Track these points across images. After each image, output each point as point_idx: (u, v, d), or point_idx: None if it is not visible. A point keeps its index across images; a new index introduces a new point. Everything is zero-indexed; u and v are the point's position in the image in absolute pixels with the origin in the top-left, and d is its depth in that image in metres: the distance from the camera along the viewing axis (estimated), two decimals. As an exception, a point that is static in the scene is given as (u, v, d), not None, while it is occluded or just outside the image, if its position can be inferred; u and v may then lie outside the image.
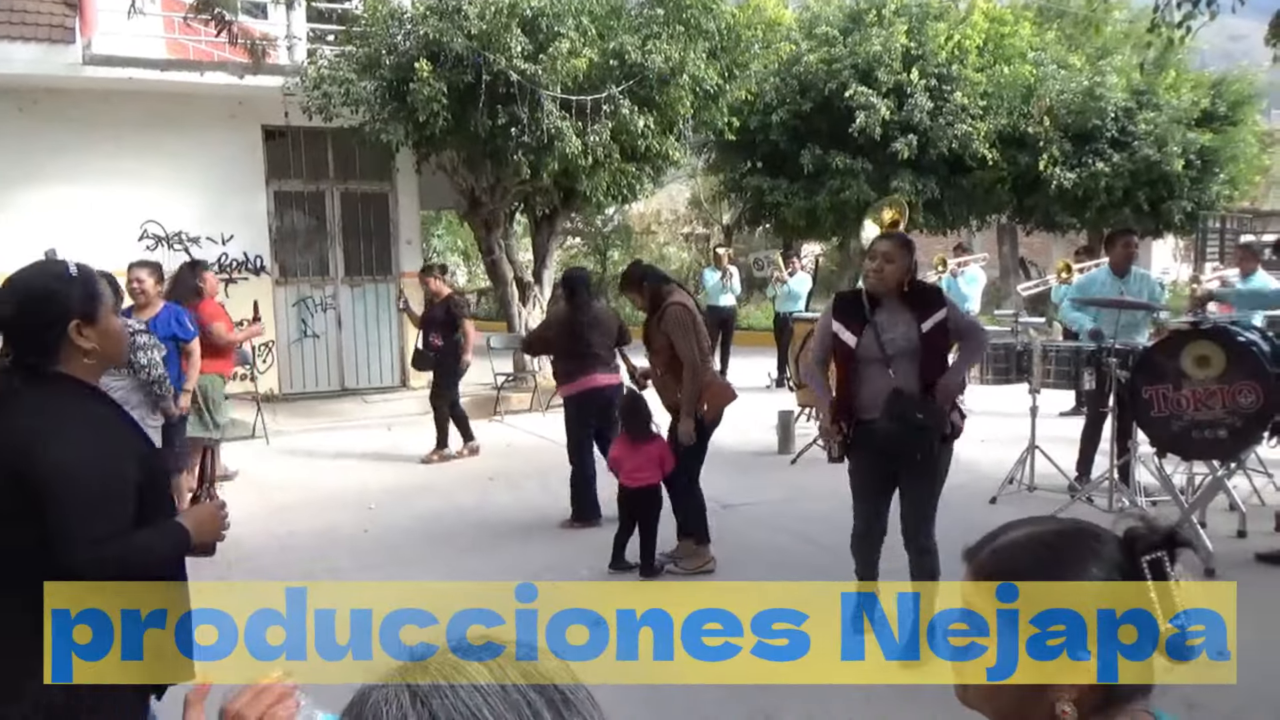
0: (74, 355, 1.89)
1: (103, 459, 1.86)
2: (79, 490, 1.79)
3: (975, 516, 5.71)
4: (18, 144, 9.52)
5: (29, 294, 1.90)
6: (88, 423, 1.89)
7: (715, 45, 9.95)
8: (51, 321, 1.87)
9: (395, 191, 11.35)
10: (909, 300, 3.76)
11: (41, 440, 1.80)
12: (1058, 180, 13.47)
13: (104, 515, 1.82)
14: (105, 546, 1.80)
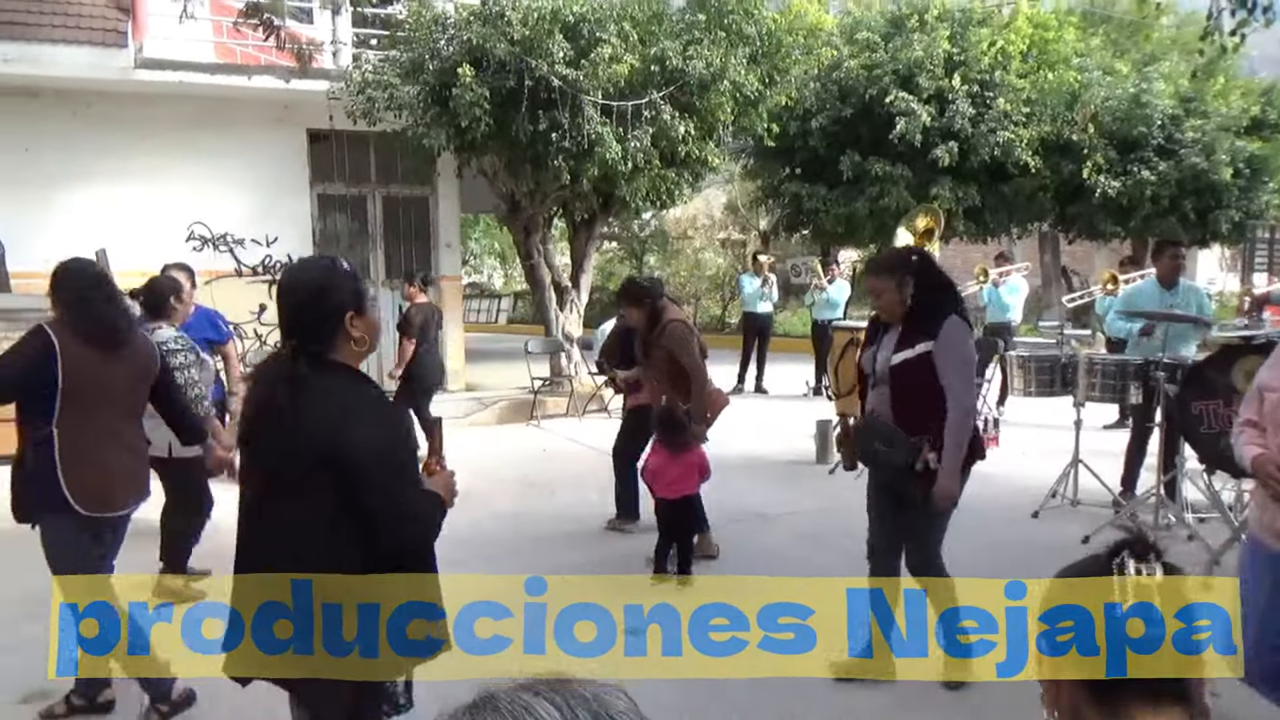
0: (345, 344, 2.07)
1: (395, 437, 2.06)
2: (386, 468, 1.96)
3: (1018, 531, 5.66)
4: (69, 145, 9.73)
5: (310, 288, 2.06)
6: (374, 405, 2.09)
7: (756, 51, 9.93)
8: (329, 313, 2.04)
9: (436, 195, 11.45)
10: (906, 323, 3.53)
11: (345, 423, 1.95)
12: (1102, 188, 13.28)
13: (407, 489, 2.03)
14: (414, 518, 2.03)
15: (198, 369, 4.55)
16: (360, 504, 1.95)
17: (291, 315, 2.07)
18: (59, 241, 9.55)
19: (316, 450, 1.94)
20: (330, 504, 1.96)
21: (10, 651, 3.78)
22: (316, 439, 1.95)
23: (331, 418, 1.96)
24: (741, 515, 6.15)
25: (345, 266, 2.14)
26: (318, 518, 1.97)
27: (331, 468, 1.93)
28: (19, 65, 9.06)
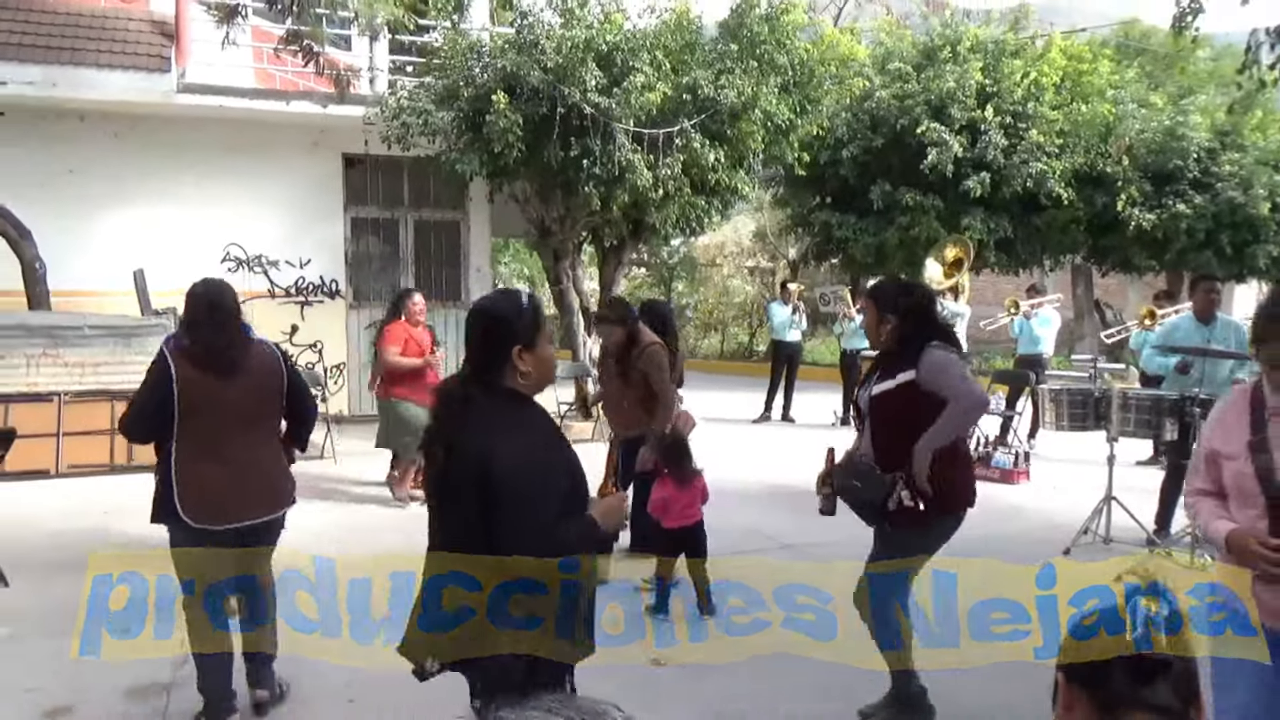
0: (513, 375, 2.22)
1: (539, 459, 2.17)
2: (520, 486, 2.10)
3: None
4: (111, 167, 9.95)
5: (487, 319, 2.26)
6: (527, 427, 2.22)
7: (788, 80, 9.96)
8: (498, 345, 2.22)
9: (467, 220, 11.57)
10: (889, 354, 3.43)
11: (493, 441, 2.12)
12: (1136, 221, 13.14)
13: (538, 509, 2.12)
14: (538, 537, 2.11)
15: None
16: (494, 516, 2.10)
17: (468, 341, 2.29)
18: (100, 262, 9.77)
19: (467, 464, 2.12)
20: (476, 515, 2.11)
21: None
22: (468, 454, 2.12)
23: (483, 435, 2.13)
24: (765, 545, 6.11)
25: (525, 303, 2.29)
26: (469, 529, 2.13)
27: (479, 482, 2.10)
28: (65, 89, 9.30)
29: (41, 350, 8.21)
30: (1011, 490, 7.82)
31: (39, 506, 6.84)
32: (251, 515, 3.46)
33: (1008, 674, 4.04)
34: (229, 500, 3.38)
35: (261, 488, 3.50)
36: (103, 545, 5.92)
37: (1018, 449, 8.42)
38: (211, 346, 3.37)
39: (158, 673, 3.92)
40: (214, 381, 3.35)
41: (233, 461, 3.39)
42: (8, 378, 8.05)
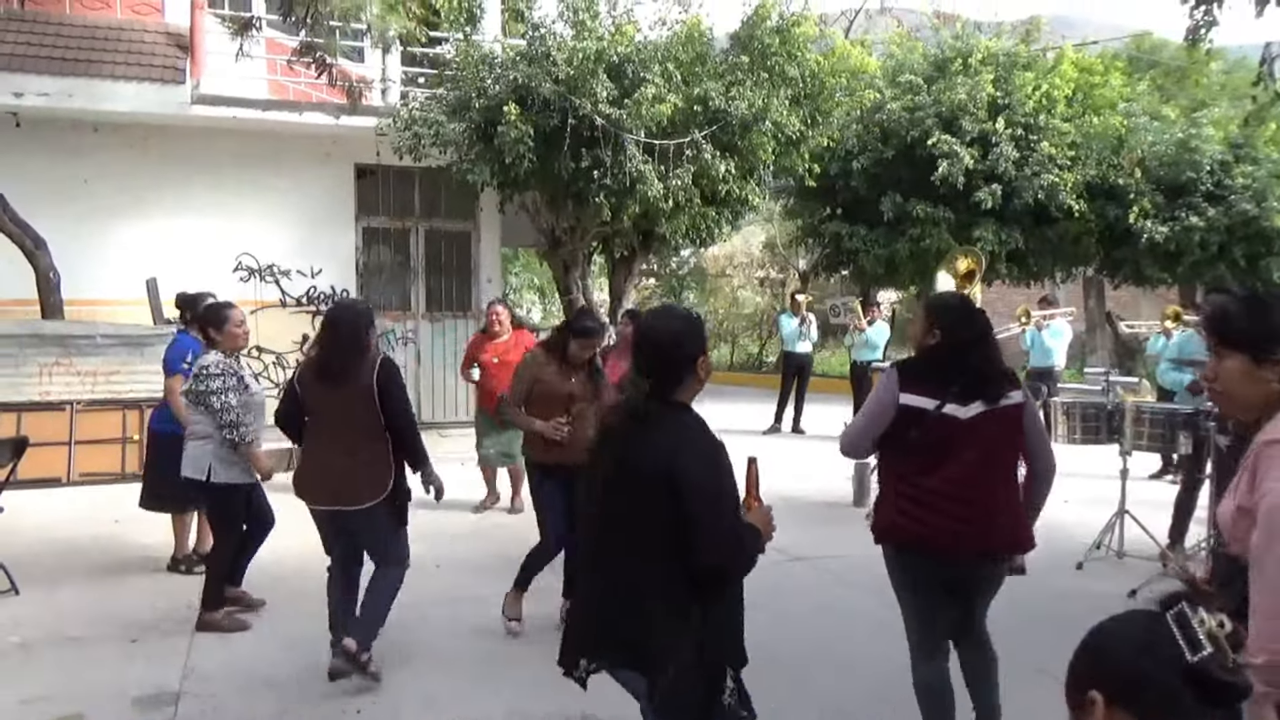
0: (693, 384, 2.34)
1: (718, 468, 2.25)
2: (707, 493, 2.19)
3: (1060, 583, 5.51)
4: (125, 178, 10.02)
5: (672, 336, 2.34)
6: (703, 439, 2.29)
7: (799, 92, 9.99)
8: (686, 359, 2.32)
9: (478, 230, 11.61)
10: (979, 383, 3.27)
11: (678, 452, 2.20)
12: (1149, 233, 13.09)
13: (726, 514, 2.23)
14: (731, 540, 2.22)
15: (234, 394, 4.51)
16: (687, 521, 2.16)
17: (652, 359, 2.33)
18: (113, 271, 9.83)
19: (652, 474, 2.19)
20: (661, 525, 2.19)
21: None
22: (654, 464, 2.20)
23: (667, 447, 2.22)
24: (777, 557, 6.07)
25: (695, 314, 2.51)
26: (649, 537, 2.22)
27: (664, 490, 2.17)
28: (81, 100, 9.38)
29: (54, 359, 8.26)
30: (1023, 503, 7.76)
31: (50, 514, 6.86)
32: (327, 503, 3.93)
33: (1011, 684, 4.01)
34: (318, 483, 3.93)
35: (340, 483, 3.90)
36: (113, 554, 5.94)
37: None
38: (322, 362, 3.97)
39: (166, 682, 3.93)
40: (325, 388, 3.92)
41: (335, 451, 3.91)
42: (21, 386, 8.10)
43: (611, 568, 2.31)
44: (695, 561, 2.20)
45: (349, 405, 3.90)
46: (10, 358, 8.13)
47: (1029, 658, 4.32)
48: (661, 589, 2.24)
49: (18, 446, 5.36)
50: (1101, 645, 1.34)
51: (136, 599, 5.00)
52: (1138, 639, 1.27)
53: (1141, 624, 1.29)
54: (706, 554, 2.19)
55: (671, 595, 2.24)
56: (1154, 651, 1.23)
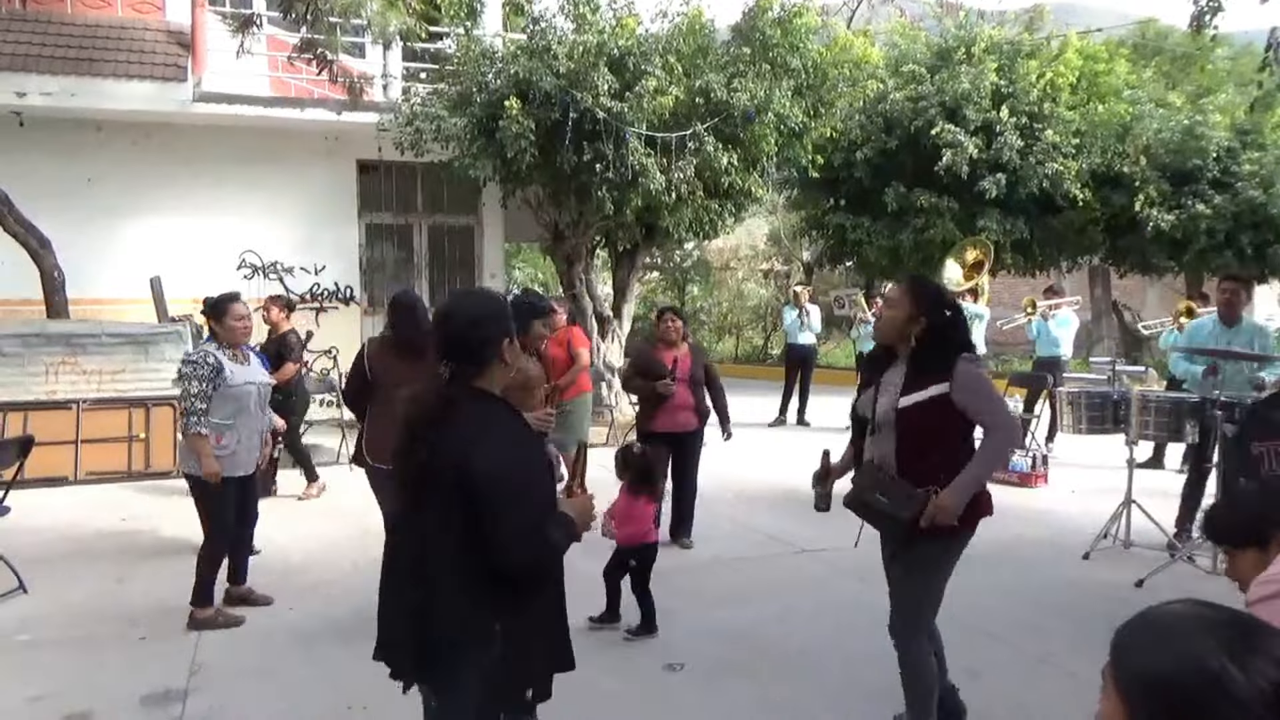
0: (499, 369, 2.22)
1: (522, 460, 2.16)
2: (507, 488, 2.07)
3: (1067, 573, 5.51)
4: (129, 176, 10.02)
5: (483, 317, 2.22)
6: (508, 429, 2.19)
7: (801, 83, 9.95)
8: (489, 340, 2.20)
9: (481, 225, 11.60)
10: (915, 361, 3.13)
11: (476, 443, 2.08)
12: (1154, 222, 13.02)
13: (528, 511, 2.11)
14: (529, 538, 2.09)
15: (201, 382, 4.48)
16: (480, 521, 2.05)
17: (452, 343, 2.20)
18: (118, 270, 9.85)
19: (448, 467, 2.06)
20: (460, 521, 2.07)
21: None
22: (450, 457, 2.06)
23: (466, 437, 2.08)
24: (782, 550, 6.07)
25: (505, 297, 2.47)
26: (448, 533, 2.09)
27: (463, 485, 2.04)
28: (84, 99, 9.39)
29: (60, 358, 8.27)
30: (1030, 494, 7.75)
31: (57, 513, 6.88)
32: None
33: (1018, 675, 4.00)
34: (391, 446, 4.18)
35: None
36: (121, 552, 5.96)
37: (1036, 452, 8.35)
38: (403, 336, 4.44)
39: (174, 680, 3.94)
40: (399, 361, 4.32)
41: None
42: (27, 385, 8.11)
43: (409, 569, 2.16)
44: (494, 561, 2.06)
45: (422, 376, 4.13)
46: (16, 357, 8.14)
47: (1036, 648, 4.32)
48: (456, 595, 2.09)
49: (24, 446, 5.37)
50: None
51: (144, 597, 5.01)
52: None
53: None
54: (504, 551, 2.06)
55: (468, 603, 2.10)
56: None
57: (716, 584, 5.39)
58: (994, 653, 4.31)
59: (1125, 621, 1.16)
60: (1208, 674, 1.05)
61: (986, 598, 5.01)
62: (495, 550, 2.06)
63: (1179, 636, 1.10)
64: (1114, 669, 1.14)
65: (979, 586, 5.21)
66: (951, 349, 3.07)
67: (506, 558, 2.07)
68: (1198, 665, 1.06)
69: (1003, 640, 4.45)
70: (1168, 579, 5.11)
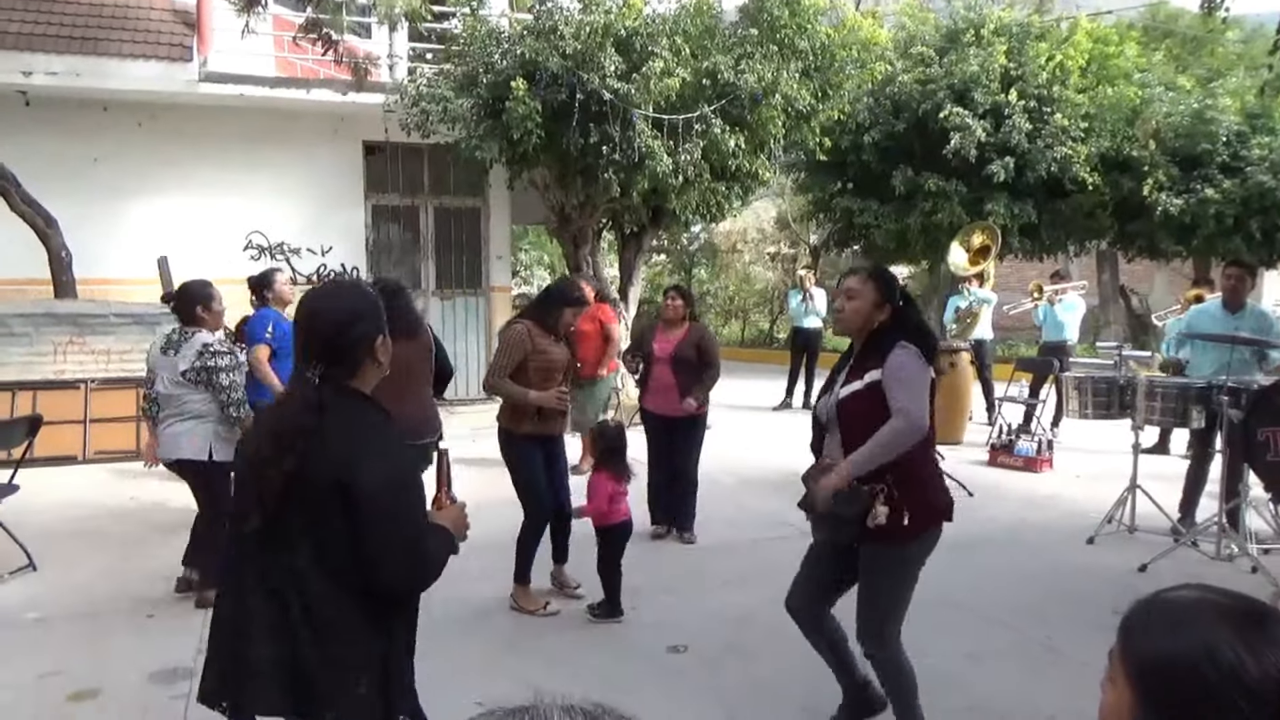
0: (370, 371, 2.08)
1: (403, 469, 2.01)
2: (390, 499, 1.93)
3: (1071, 557, 5.52)
4: (135, 157, 10.02)
5: (350, 314, 2.05)
6: (386, 435, 2.04)
7: (809, 65, 9.88)
8: (359, 340, 2.04)
9: (487, 207, 11.58)
10: (863, 351, 3.07)
11: (358, 451, 1.93)
12: (1163, 206, 12.95)
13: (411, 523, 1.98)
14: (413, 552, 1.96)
15: (239, 372, 4.64)
16: (360, 533, 1.90)
17: (322, 343, 2.02)
18: (125, 250, 9.86)
19: (326, 479, 1.90)
20: (338, 532, 1.92)
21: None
22: (329, 468, 1.91)
23: (344, 448, 1.93)
24: (788, 532, 6.09)
25: (374, 291, 2.18)
26: (324, 548, 1.94)
27: (338, 498, 1.89)
28: (90, 79, 9.37)
29: (68, 338, 8.31)
30: (1035, 479, 7.76)
31: (66, 492, 6.93)
32: (412, 438, 4.21)
33: (1020, 660, 4.02)
34: (403, 425, 4.42)
35: (423, 420, 4.53)
36: (129, 531, 6.00)
37: (1041, 437, 8.36)
38: (399, 318, 4.36)
39: (182, 658, 3.97)
40: (398, 344, 4.30)
41: (410, 398, 4.34)
42: (36, 365, 8.16)
43: (271, 591, 1.97)
44: (373, 578, 1.92)
45: (421, 356, 4.59)
46: (25, 337, 8.18)
47: (1038, 632, 4.34)
48: (333, 617, 1.95)
49: (32, 425, 5.41)
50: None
51: (152, 576, 5.05)
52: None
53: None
54: (384, 569, 1.91)
55: (345, 624, 1.95)
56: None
57: (720, 567, 5.41)
58: (995, 637, 4.33)
59: (1134, 605, 1.15)
60: (1221, 662, 1.03)
61: (989, 581, 5.03)
62: (374, 566, 1.91)
63: (1191, 623, 1.09)
64: (1123, 653, 1.13)
65: (981, 570, 5.23)
66: (892, 340, 2.97)
67: (385, 576, 1.93)
68: (1211, 653, 1.04)
69: (1004, 624, 4.47)
70: (1171, 564, 5.12)
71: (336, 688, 1.93)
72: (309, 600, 1.94)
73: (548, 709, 0.75)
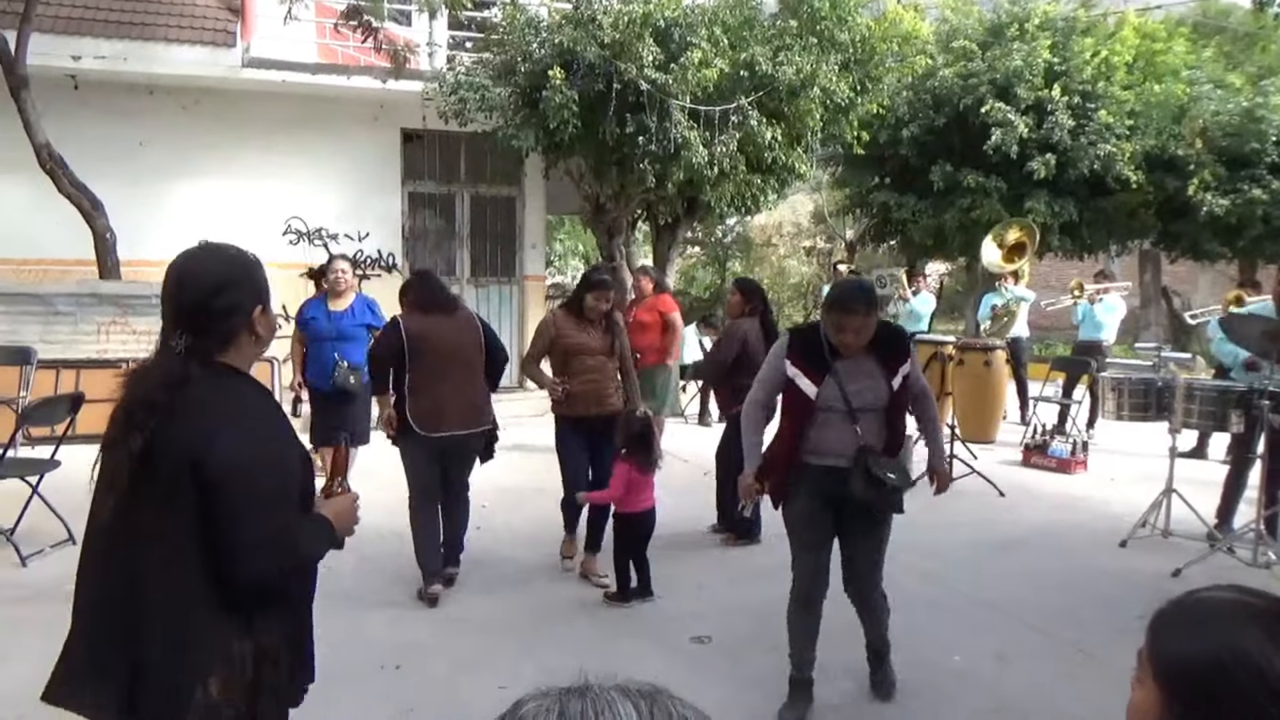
0: (246, 344, 1.86)
1: (269, 451, 1.81)
2: (247, 485, 1.73)
3: (1102, 560, 5.45)
4: (177, 141, 10.17)
5: (226, 280, 1.84)
6: (255, 414, 1.84)
7: (848, 58, 9.81)
8: (233, 309, 1.83)
9: (523, 196, 11.62)
10: (875, 347, 3.38)
11: (217, 430, 1.73)
12: (1209, 206, 12.69)
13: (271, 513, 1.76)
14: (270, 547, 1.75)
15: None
16: (215, 517, 1.71)
17: (186, 310, 1.82)
18: (167, 232, 10.01)
19: (181, 459, 1.71)
20: (192, 520, 1.72)
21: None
22: (184, 447, 1.71)
23: (204, 425, 1.73)
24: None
25: (251, 256, 1.93)
26: (176, 532, 1.72)
27: (196, 481, 1.70)
28: (135, 63, 9.52)
29: (111, 318, 8.48)
30: (1068, 480, 7.67)
31: (107, 469, 7.06)
32: (458, 428, 4.59)
33: (1049, 663, 3.98)
34: (448, 413, 4.57)
35: (469, 409, 4.63)
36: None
37: (1075, 438, 8.25)
38: (433, 293, 4.71)
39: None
40: (433, 324, 4.59)
41: (449, 384, 4.55)
42: (80, 344, 8.34)
43: (117, 580, 1.77)
44: (227, 571, 1.71)
45: (463, 340, 4.65)
46: (70, 316, 8.36)
47: (1068, 634, 4.29)
48: (183, 612, 1.73)
49: (75, 402, 5.53)
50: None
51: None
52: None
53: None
54: (240, 561, 1.71)
55: (193, 622, 1.73)
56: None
57: (746, 559, 5.41)
58: (1025, 638, 4.29)
59: (1165, 604, 1.14)
60: (1249, 664, 1.02)
61: (1019, 583, 4.99)
62: (230, 559, 1.71)
63: (1221, 623, 1.07)
64: (1150, 652, 1.12)
65: (1012, 571, 5.19)
66: (897, 332, 3.66)
67: (242, 568, 1.72)
68: (1239, 654, 1.03)
69: (1034, 626, 4.43)
70: (1205, 570, 5.04)
71: (176, 693, 1.71)
72: (161, 599, 1.73)
73: (604, 689, 0.76)
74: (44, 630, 4.02)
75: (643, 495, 4.58)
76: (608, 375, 5.00)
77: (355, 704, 3.44)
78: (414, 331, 4.57)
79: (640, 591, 4.64)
